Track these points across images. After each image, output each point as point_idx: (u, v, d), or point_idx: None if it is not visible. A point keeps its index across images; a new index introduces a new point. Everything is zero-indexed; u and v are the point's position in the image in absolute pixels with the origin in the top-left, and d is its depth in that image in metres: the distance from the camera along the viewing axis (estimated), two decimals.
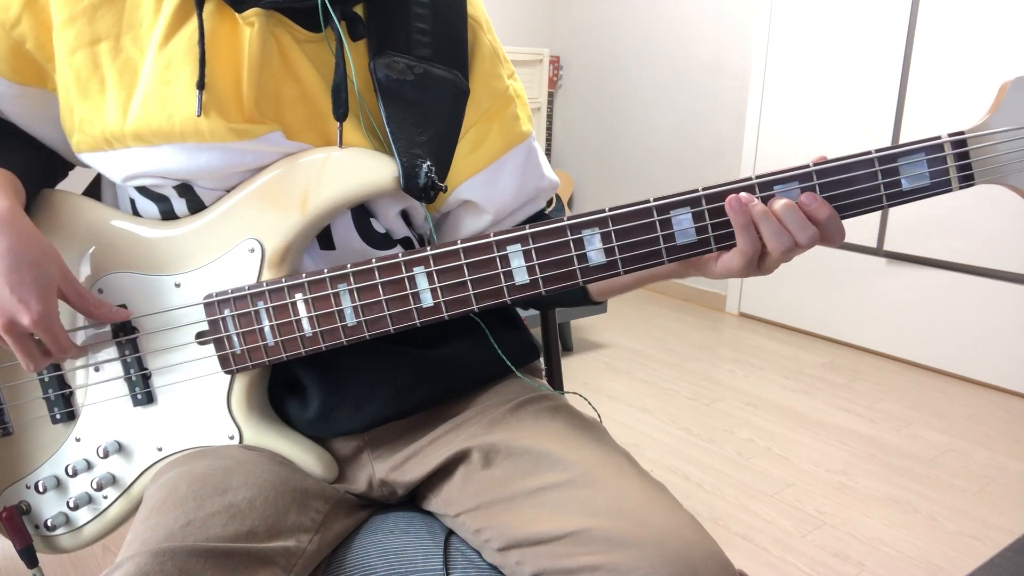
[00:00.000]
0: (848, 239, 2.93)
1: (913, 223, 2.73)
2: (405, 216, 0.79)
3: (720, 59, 3.37)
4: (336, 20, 0.70)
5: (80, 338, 0.75)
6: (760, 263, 0.65)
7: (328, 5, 0.69)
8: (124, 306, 0.74)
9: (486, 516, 0.69)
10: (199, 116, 0.67)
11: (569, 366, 2.77)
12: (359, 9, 0.73)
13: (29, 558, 0.79)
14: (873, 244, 2.87)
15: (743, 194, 0.62)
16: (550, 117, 4.01)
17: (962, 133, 0.61)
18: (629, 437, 2.22)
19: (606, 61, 3.86)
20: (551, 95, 3.96)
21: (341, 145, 0.71)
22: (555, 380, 1.04)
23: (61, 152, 0.80)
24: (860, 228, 2.89)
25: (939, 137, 0.61)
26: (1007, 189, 0.63)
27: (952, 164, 0.61)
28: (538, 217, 0.85)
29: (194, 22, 0.68)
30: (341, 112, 0.70)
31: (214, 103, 0.68)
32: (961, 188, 0.62)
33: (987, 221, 2.55)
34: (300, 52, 0.71)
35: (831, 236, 0.63)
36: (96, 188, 0.84)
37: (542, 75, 3.58)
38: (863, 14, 2.79)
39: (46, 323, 0.67)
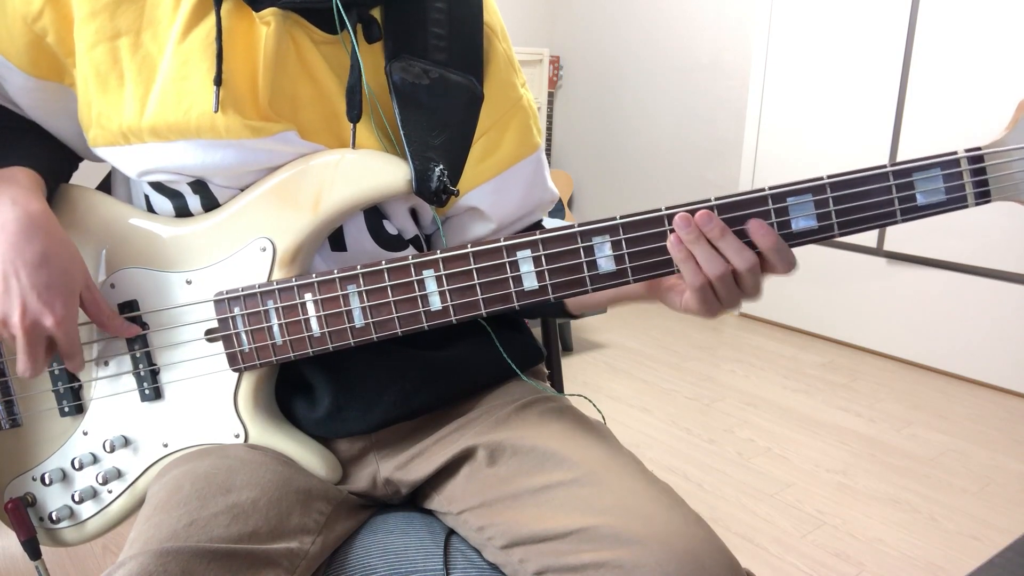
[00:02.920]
0: (848, 239, 2.93)
1: (913, 223, 2.73)
2: (414, 214, 0.79)
3: (720, 59, 3.37)
4: (348, 22, 0.70)
5: (93, 351, 0.76)
6: (716, 298, 0.65)
7: (341, 8, 0.69)
8: (135, 303, 0.75)
9: (490, 513, 0.69)
10: (216, 112, 0.68)
11: (569, 366, 2.77)
12: (376, 12, 0.74)
13: (32, 550, 0.79)
14: (873, 244, 2.87)
15: (681, 230, 0.62)
16: (550, 117, 4.01)
17: (979, 149, 0.60)
18: (629, 437, 2.22)
19: (606, 61, 3.86)
20: (551, 95, 3.96)
21: (354, 146, 0.71)
22: (556, 380, 1.04)
23: (74, 147, 0.80)
24: None
25: (955, 152, 0.60)
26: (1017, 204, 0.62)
27: (968, 180, 0.60)
28: (535, 227, 0.86)
29: (211, 19, 0.68)
30: (355, 114, 0.71)
31: (230, 100, 0.68)
32: (977, 204, 0.61)
33: (987, 221, 2.55)
34: (317, 53, 0.71)
35: (773, 265, 0.63)
36: (107, 184, 0.84)
37: (542, 75, 3.59)
38: (863, 14, 2.79)
39: (67, 327, 0.68)
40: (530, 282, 0.67)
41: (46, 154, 0.76)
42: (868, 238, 2.88)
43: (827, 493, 1.93)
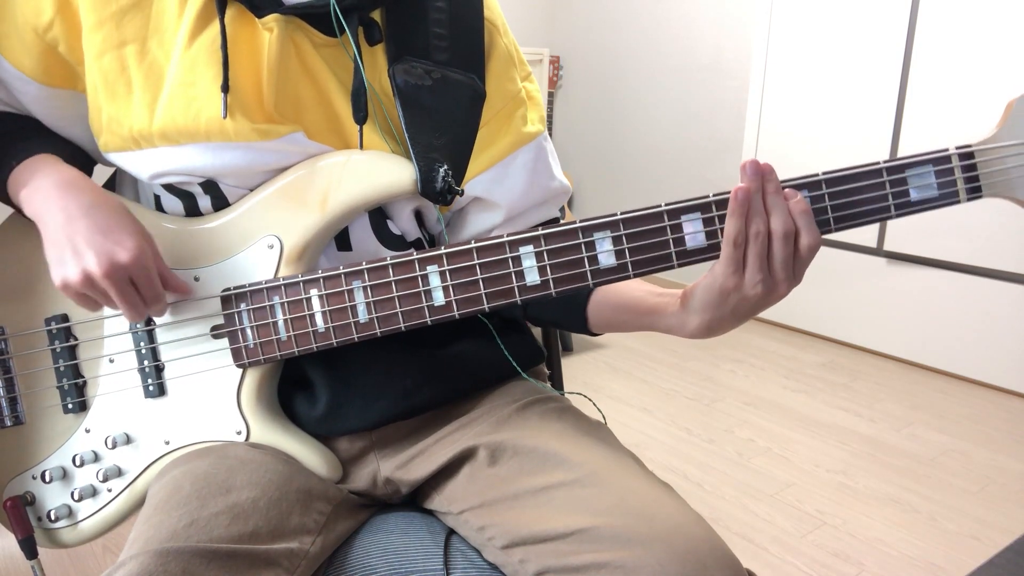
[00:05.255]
0: (848, 239, 2.94)
1: (913, 223, 2.73)
2: (418, 216, 0.79)
3: (720, 59, 3.37)
4: (349, 26, 0.71)
5: (102, 347, 0.75)
6: (743, 261, 0.62)
7: (339, 13, 0.70)
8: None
9: (490, 513, 0.70)
10: (225, 118, 0.68)
11: (569, 366, 2.77)
12: (376, 15, 0.74)
13: (29, 549, 0.79)
14: (873, 244, 2.87)
15: (748, 175, 0.61)
16: (550, 117, 4.01)
17: (969, 146, 0.62)
18: (629, 437, 2.23)
19: (606, 61, 3.86)
20: (551, 95, 3.96)
21: (361, 148, 0.72)
22: (556, 380, 1.04)
23: (89, 152, 0.81)
24: (860, 228, 2.89)
25: (947, 149, 0.62)
26: (1010, 202, 0.63)
27: (960, 176, 0.62)
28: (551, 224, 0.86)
29: (216, 26, 0.69)
30: (361, 116, 0.72)
31: (238, 105, 0.69)
32: (969, 200, 0.62)
33: (987, 221, 2.55)
34: (318, 56, 0.72)
35: (800, 234, 0.62)
36: (111, 185, 0.85)
37: (542, 75, 3.58)
38: (863, 14, 2.79)
39: (144, 260, 0.67)
40: (532, 277, 0.67)
41: (69, 149, 0.78)
42: (868, 238, 2.88)
43: (827, 493, 1.93)
